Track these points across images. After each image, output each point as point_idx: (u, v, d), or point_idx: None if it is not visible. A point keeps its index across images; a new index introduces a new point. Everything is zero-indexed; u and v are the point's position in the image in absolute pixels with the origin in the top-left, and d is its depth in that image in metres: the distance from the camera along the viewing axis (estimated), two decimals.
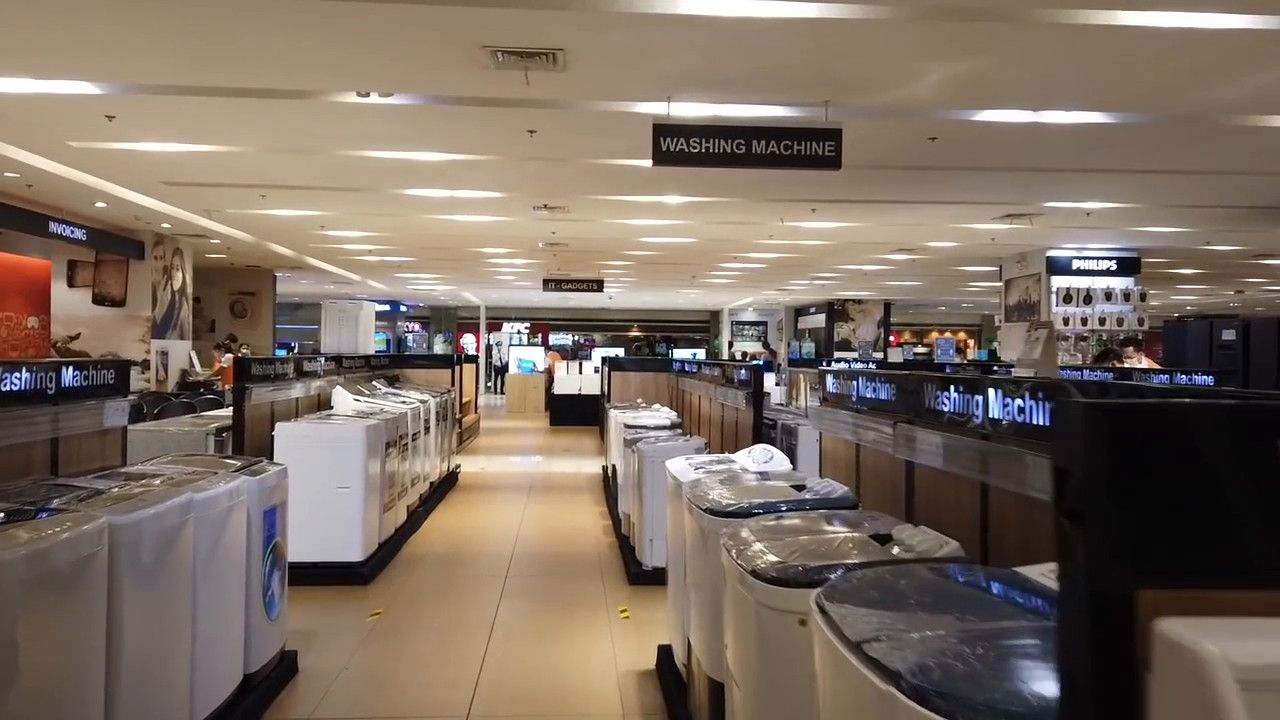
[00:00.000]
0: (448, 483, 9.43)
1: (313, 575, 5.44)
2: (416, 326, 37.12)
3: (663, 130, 5.75)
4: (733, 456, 4.15)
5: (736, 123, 5.89)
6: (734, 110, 6.03)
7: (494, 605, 5.22)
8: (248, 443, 5.51)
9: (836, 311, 26.29)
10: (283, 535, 3.87)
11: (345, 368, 8.01)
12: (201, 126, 6.98)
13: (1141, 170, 7.96)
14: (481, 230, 12.36)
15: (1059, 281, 13.40)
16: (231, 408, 5.53)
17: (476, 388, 15.91)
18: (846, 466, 3.80)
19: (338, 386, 7.12)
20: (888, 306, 26.52)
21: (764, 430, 5.64)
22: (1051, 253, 13.44)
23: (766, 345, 31.50)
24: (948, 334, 38.10)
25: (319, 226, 12.27)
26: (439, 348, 36.06)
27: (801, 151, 5.77)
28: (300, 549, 5.37)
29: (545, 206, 10.24)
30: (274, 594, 3.71)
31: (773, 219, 11.01)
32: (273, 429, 5.56)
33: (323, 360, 7.41)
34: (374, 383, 8.42)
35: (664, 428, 6.81)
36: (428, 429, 7.94)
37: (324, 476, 5.46)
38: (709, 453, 5.70)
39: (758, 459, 3.79)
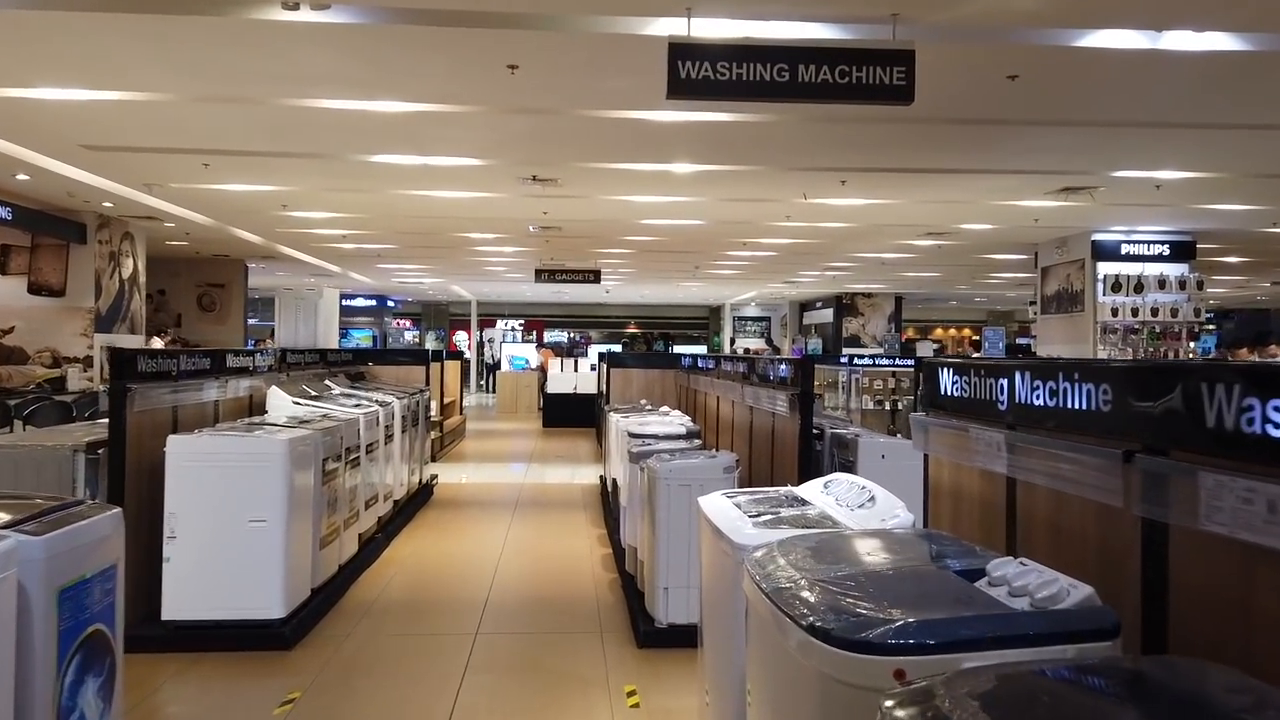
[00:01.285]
0: (419, 498, 8.08)
1: (213, 639, 4.08)
2: (408, 323, 35.83)
3: (682, 51, 4.40)
4: (799, 492, 2.80)
5: (776, 43, 4.53)
6: (771, 29, 4.68)
7: (455, 683, 3.86)
8: (132, 462, 4.15)
9: (845, 306, 24.96)
10: (112, 617, 2.51)
11: (292, 364, 6.64)
12: (100, 62, 5.60)
13: (1250, 126, 6.62)
14: (464, 210, 10.99)
15: (1106, 268, 12.07)
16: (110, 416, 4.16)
17: (462, 386, 14.55)
18: (984, 513, 2.45)
19: (273, 387, 5.76)
20: (899, 300, 25.20)
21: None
22: (1098, 236, 12.11)
23: (770, 342, 30.16)
24: (952, 330, 36.90)
25: (280, 206, 10.90)
26: (431, 345, 34.76)
27: (862, 80, 4.41)
28: (195, 604, 4.03)
29: (534, 179, 8.88)
30: (84, 717, 2.35)
31: (794, 194, 9.66)
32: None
33: (262, 355, 6.05)
34: (329, 382, 7.05)
35: (678, 437, 5.46)
36: (390, 437, 6.59)
37: (231, 507, 4.10)
38: (742, 470, 4.36)
39: (846, 499, 2.45)
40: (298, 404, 5.73)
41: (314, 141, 7.57)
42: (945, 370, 2.68)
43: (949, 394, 2.64)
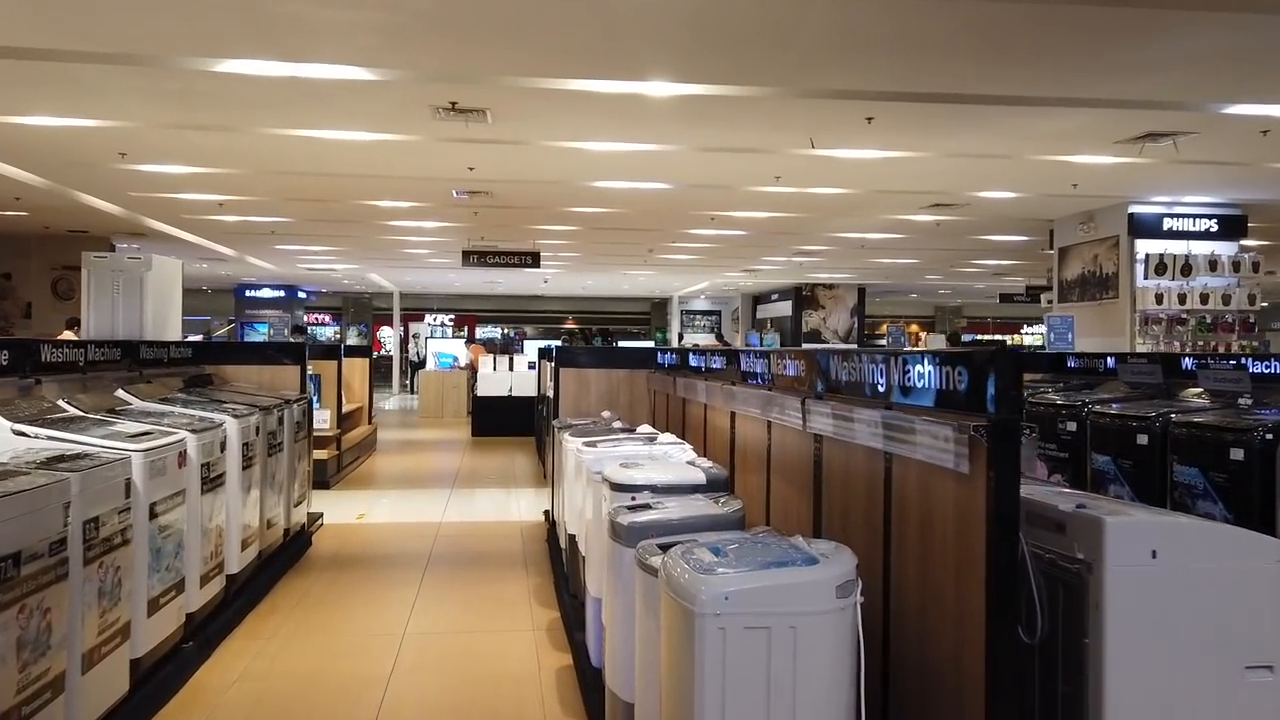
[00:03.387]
0: (286, 555, 5.61)
1: None
2: (326, 318, 32.84)
3: None
4: None
5: None
6: None
7: None
8: None
9: (805, 298, 23.01)
10: None
11: (52, 365, 4.11)
12: None
13: None
14: (365, 161, 8.48)
15: (1147, 246, 10.15)
16: None
17: (372, 390, 12.00)
18: None
19: None
20: (862, 292, 23.37)
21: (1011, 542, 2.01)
22: (1136, 208, 10.19)
23: (720, 337, 28.07)
24: (899, 324, 35.42)
25: (118, 154, 8.23)
26: (354, 341, 31.76)
27: None
28: None
29: (454, 108, 6.45)
30: None
31: (797, 141, 7.42)
32: None
33: None
34: (124, 391, 4.53)
35: (692, 489, 3.15)
36: (213, 482, 4.13)
37: None
38: (853, 568, 2.07)
39: None
40: (20, 434, 3.25)
41: (121, 34, 5.03)
42: None
43: None
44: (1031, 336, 36.02)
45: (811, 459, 3.16)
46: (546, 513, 7.01)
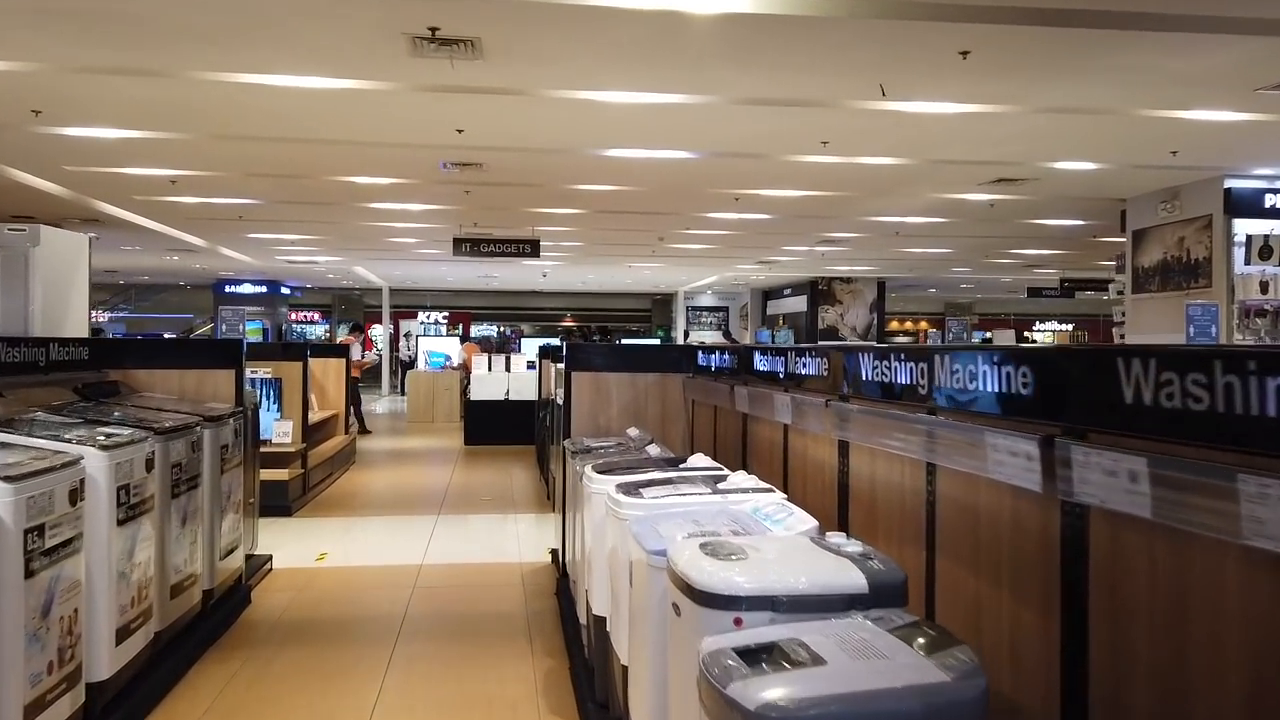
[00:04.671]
0: (204, 629, 4.16)
1: None
2: (316, 316, 31.38)
3: None
4: None
5: None
6: None
7: None
8: None
9: (821, 292, 21.58)
10: None
11: None
12: None
13: None
14: (330, 119, 7.03)
15: (1247, 227, 8.74)
16: None
17: (349, 396, 10.52)
18: None
19: None
20: (882, 286, 21.94)
21: None
22: (1233, 182, 8.78)
23: (728, 334, 26.67)
24: (908, 323, 34.01)
25: (30, 112, 6.77)
26: (343, 340, 30.25)
27: None
28: None
29: (435, 37, 5.01)
30: None
31: (860, 90, 5.98)
32: None
33: None
34: None
35: (842, 603, 1.73)
36: (56, 552, 2.69)
37: None
38: None
39: None
40: None
41: None
42: None
43: None
44: (1042, 334, 34.74)
45: (1060, 549, 1.72)
46: (554, 553, 5.58)
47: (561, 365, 5.54)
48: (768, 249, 15.69)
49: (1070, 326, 35.01)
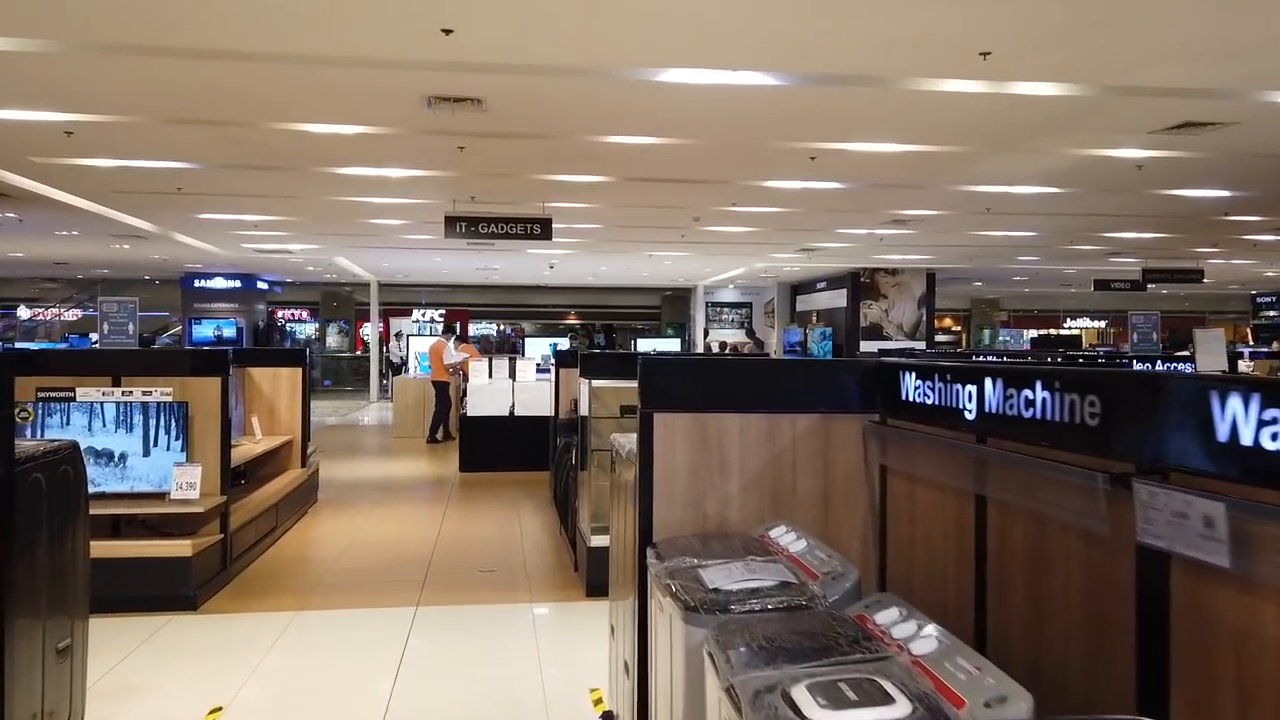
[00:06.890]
0: None
1: None
2: (304, 314, 28.99)
3: None
4: None
5: None
6: None
7: None
8: None
9: (863, 285, 19.16)
10: None
11: None
12: None
13: None
14: (255, 20, 4.59)
15: None
16: None
17: (306, 414, 8.06)
18: None
19: None
20: (931, 278, 19.51)
21: None
22: None
23: (751, 333, 24.23)
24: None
25: None
26: (334, 341, 27.84)
27: None
28: None
29: None
30: None
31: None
32: None
33: None
34: None
35: None
36: None
37: None
38: None
39: None
40: None
41: None
42: None
43: None
44: (1069, 331, 32.34)
45: None
46: (609, 714, 3.17)
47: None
48: (820, 231, 13.24)
49: (1104, 323, 32.69)
